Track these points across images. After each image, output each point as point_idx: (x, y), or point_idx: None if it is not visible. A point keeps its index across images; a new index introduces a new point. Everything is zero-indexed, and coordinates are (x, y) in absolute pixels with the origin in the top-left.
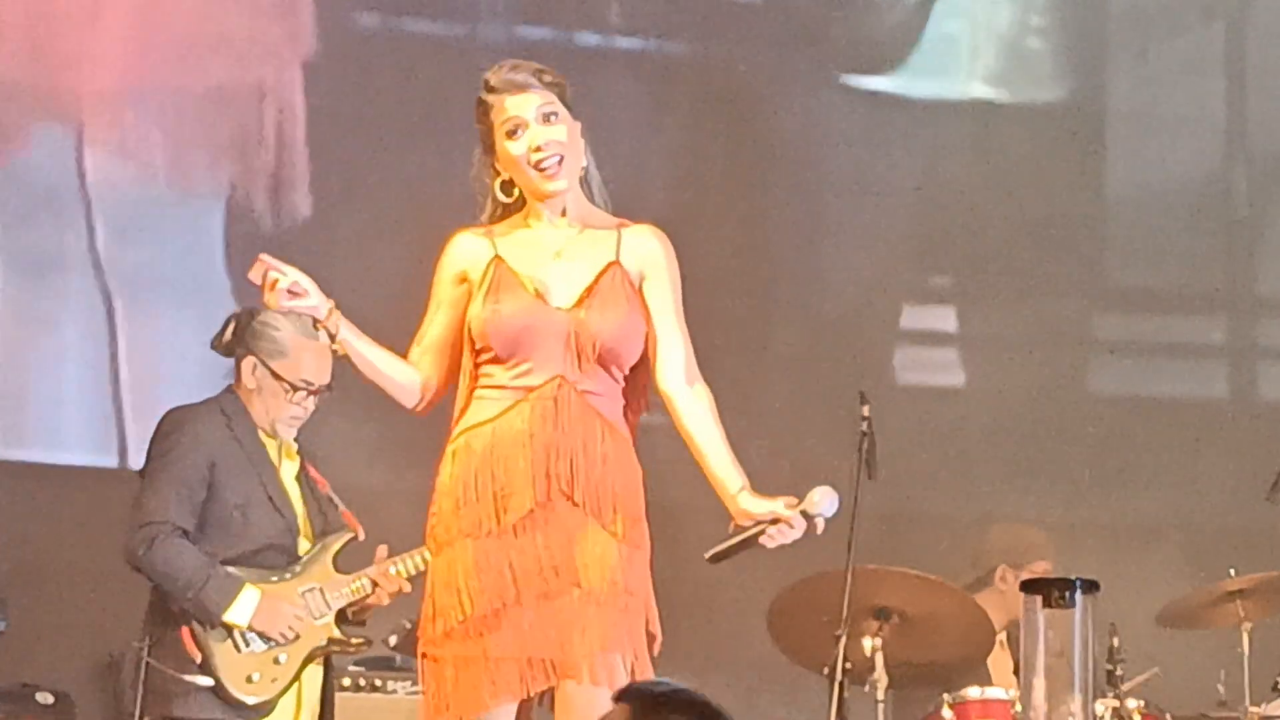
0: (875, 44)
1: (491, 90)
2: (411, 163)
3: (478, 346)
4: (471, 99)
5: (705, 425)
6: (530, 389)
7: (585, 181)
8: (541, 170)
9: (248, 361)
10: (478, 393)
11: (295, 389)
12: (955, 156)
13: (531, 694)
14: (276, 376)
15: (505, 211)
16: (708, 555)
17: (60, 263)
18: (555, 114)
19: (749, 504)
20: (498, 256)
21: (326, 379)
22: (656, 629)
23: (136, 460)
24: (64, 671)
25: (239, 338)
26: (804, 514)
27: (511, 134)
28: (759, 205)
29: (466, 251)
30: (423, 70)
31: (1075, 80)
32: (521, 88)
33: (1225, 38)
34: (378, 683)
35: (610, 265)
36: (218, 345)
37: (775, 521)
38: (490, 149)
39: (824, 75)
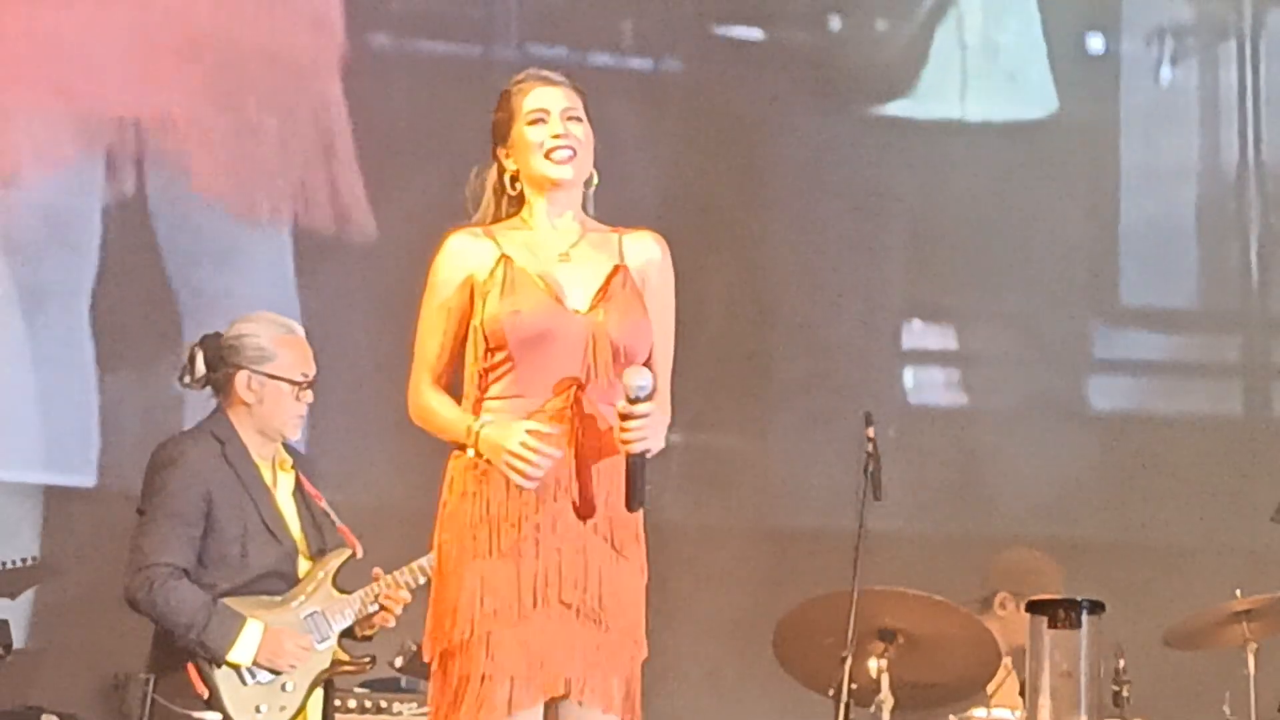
0: (880, 69)
1: (519, 83)
2: (423, 183)
3: (491, 346)
4: (485, 119)
5: None
6: (544, 400)
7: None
8: (551, 157)
9: (240, 376)
10: (487, 403)
11: (296, 384)
12: (958, 175)
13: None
14: (276, 378)
15: (500, 214)
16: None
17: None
18: (579, 118)
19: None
20: (505, 255)
21: (314, 369)
22: (643, 651)
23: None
24: (70, 693)
25: (215, 363)
26: (628, 401)
27: (534, 122)
28: (764, 227)
29: (469, 251)
30: (436, 91)
31: (1087, 98)
32: (552, 83)
33: (1235, 56)
34: (383, 704)
35: (617, 268)
36: (190, 381)
37: (626, 419)
38: (504, 138)
39: (828, 101)
